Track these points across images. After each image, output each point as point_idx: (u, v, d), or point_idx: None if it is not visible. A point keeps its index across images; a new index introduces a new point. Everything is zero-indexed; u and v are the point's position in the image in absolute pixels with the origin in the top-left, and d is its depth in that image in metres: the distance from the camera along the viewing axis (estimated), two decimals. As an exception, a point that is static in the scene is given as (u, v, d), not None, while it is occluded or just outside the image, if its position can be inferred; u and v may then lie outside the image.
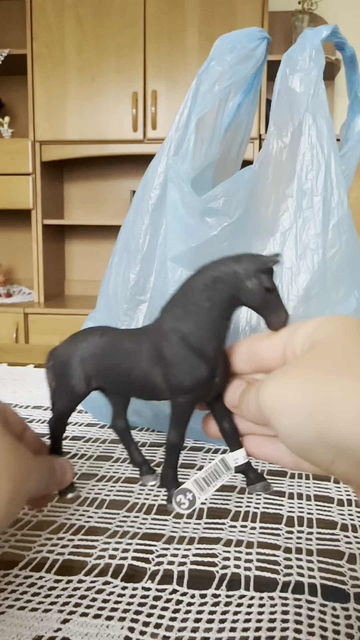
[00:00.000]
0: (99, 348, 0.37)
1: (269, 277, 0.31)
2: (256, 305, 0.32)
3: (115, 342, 0.37)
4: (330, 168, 0.48)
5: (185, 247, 0.46)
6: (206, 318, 0.33)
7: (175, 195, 0.47)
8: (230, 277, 0.32)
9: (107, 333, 0.38)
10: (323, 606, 0.30)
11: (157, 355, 0.34)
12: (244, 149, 0.61)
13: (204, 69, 0.49)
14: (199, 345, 0.33)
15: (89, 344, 0.37)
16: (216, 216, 0.46)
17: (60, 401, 0.39)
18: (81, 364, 0.38)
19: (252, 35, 0.49)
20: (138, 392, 0.37)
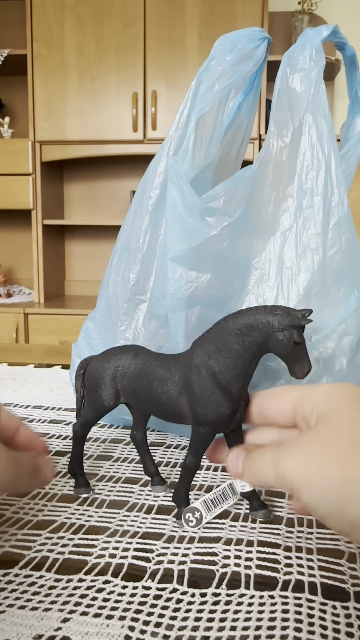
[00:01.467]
0: (131, 369, 0.40)
1: (300, 333, 0.34)
2: (283, 355, 0.34)
3: (148, 366, 0.39)
4: (330, 168, 0.48)
5: (185, 247, 0.46)
6: (236, 359, 0.35)
7: (175, 195, 0.47)
8: (263, 326, 0.34)
9: (140, 354, 0.40)
10: (323, 605, 0.30)
11: (186, 385, 0.37)
12: (244, 149, 0.61)
13: (204, 69, 0.49)
14: (226, 383, 0.35)
15: (122, 363, 0.40)
16: (216, 216, 0.46)
17: (88, 410, 0.42)
18: (113, 381, 0.40)
19: (253, 36, 0.49)
20: (163, 414, 0.39)
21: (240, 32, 0.49)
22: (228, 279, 0.48)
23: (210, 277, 0.47)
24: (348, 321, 0.48)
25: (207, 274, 0.47)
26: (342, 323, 0.48)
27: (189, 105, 0.49)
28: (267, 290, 0.48)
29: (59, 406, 0.65)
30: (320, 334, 0.48)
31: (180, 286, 0.47)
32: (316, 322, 0.48)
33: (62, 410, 0.64)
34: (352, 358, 0.48)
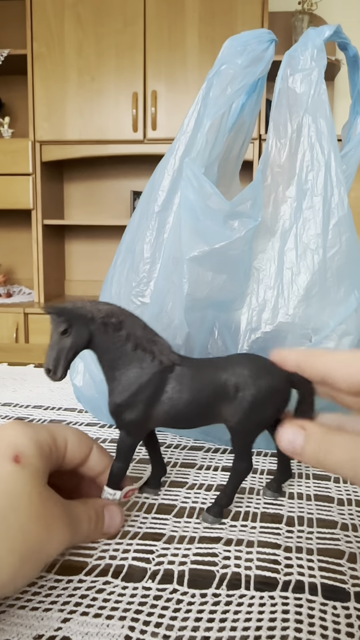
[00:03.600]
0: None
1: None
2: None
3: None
4: (330, 168, 0.48)
5: (207, 248, 0.46)
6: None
7: (191, 196, 0.46)
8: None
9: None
10: (323, 605, 0.30)
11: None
12: (245, 149, 0.61)
13: (214, 72, 0.49)
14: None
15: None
16: (240, 218, 0.46)
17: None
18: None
19: (262, 38, 0.49)
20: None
21: (248, 34, 0.49)
22: (239, 281, 0.48)
23: (226, 279, 0.47)
24: (348, 321, 0.48)
25: (223, 275, 0.47)
26: (342, 323, 0.48)
27: (198, 108, 0.49)
28: (267, 291, 0.48)
29: (59, 406, 0.65)
30: (321, 334, 0.48)
31: (197, 287, 0.47)
32: (316, 322, 0.48)
33: (62, 410, 0.64)
34: (352, 358, 0.48)
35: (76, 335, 0.34)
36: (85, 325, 0.35)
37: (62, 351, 0.34)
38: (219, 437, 0.53)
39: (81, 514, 0.33)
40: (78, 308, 0.34)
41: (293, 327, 0.47)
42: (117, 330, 0.35)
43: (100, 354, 0.36)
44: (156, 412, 0.36)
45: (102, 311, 0.35)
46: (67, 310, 0.34)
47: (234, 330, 0.49)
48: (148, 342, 0.36)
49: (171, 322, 0.49)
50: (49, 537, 0.29)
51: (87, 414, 0.62)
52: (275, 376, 0.36)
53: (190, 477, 0.46)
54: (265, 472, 0.47)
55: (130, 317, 0.36)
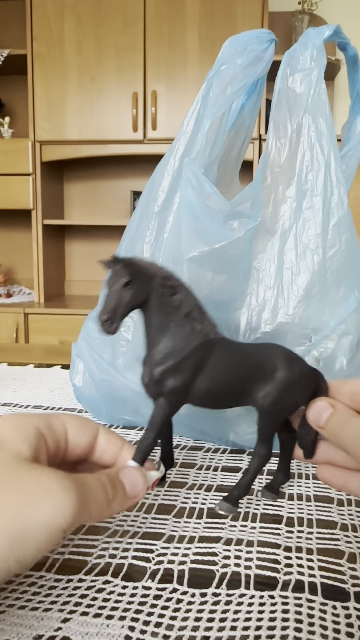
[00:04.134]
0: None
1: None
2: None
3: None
4: (330, 168, 0.48)
5: (207, 248, 0.46)
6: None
7: (190, 196, 0.47)
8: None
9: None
10: (323, 605, 0.30)
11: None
12: (244, 149, 0.61)
13: (214, 73, 0.49)
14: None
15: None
16: (240, 219, 0.46)
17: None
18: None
19: (261, 38, 0.49)
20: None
21: (248, 34, 0.49)
22: (239, 281, 0.48)
23: (226, 278, 0.47)
24: (348, 321, 0.48)
25: (223, 275, 0.47)
26: (342, 323, 0.48)
27: (198, 108, 0.49)
28: (267, 291, 0.48)
29: (58, 406, 0.65)
30: (321, 334, 0.48)
31: (197, 287, 0.47)
32: (316, 322, 0.48)
33: (62, 410, 0.64)
34: (352, 358, 0.48)
35: (137, 290, 0.34)
36: (146, 282, 0.34)
37: (121, 303, 0.34)
38: (219, 437, 0.53)
39: (89, 481, 0.30)
40: (143, 264, 0.34)
41: (293, 327, 0.47)
42: (173, 294, 0.35)
43: (150, 316, 0.36)
44: (198, 383, 0.36)
45: (163, 272, 0.35)
46: (133, 262, 0.34)
47: (234, 330, 0.49)
48: (199, 312, 0.37)
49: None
50: (37, 509, 0.27)
51: (87, 414, 0.62)
52: (305, 365, 0.38)
53: (190, 477, 0.46)
54: (265, 473, 0.47)
55: (185, 285, 0.37)
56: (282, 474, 0.42)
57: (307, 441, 0.37)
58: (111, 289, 0.34)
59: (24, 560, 0.26)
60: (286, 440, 0.41)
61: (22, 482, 0.28)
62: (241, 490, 0.39)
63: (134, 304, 0.35)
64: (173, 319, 0.36)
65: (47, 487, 0.28)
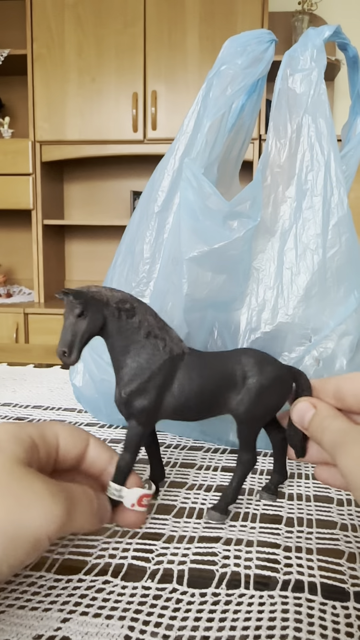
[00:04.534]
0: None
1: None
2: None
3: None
4: (330, 168, 0.48)
5: (206, 249, 0.46)
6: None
7: (190, 196, 0.47)
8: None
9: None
10: (323, 605, 0.30)
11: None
12: (244, 149, 0.61)
13: (214, 73, 0.49)
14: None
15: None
16: (240, 219, 0.46)
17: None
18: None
19: (262, 38, 0.49)
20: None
21: (248, 35, 0.49)
22: (239, 281, 0.48)
23: (225, 279, 0.47)
24: (348, 321, 0.48)
25: (223, 275, 0.47)
26: (342, 323, 0.48)
27: (198, 108, 0.49)
28: (267, 291, 0.48)
29: (58, 406, 0.65)
30: (320, 334, 0.48)
31: (196, 287, 0.47)
32: (316, 323, 0.48)
33: (61, 410, 0.64)
34: (352, 358, 0.48)
35: (91, 318, 0.34)
36: (100, 310, 0.35)
37: (77, 334, 0.34)
38: (218, 437, 0.53)
39: (78, 494, 0.31)
40: (94, 292, 0.35)
41: (293, 327, 0.47)
42: (130, 316, 0.36)
43: (111, 341, 0.36)
44: (167, 400, 0.37)
45: (117, 296, 0.35)
46: (84, 293, 0.34)
47: (234, 330, 0.49)
48: (160, 330, 0.37)
49: (171, 322, 0.50)
50: (28, 515, 0.27)
51: (87, 414, 0.62)
52: (278, 366, 0.38)
53: (190, 477, 0.46)
54: (264, 473, 0.47)
55: (143, 305, 0.37)
56: (279, 474, 0.42)
57: (296, 441, 0.36)
58: (66, 321, 0.34)
59: (14, 565, 0.27)
60: (277, 440, 0.41)
61: (17, 486, 0.28)
62: (228, 498, 0.39)
63: (91, 332, 0.35)
64: (135, 340, 0.36)
65: (40, 494, 0.28)
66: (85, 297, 0.34)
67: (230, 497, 0.39)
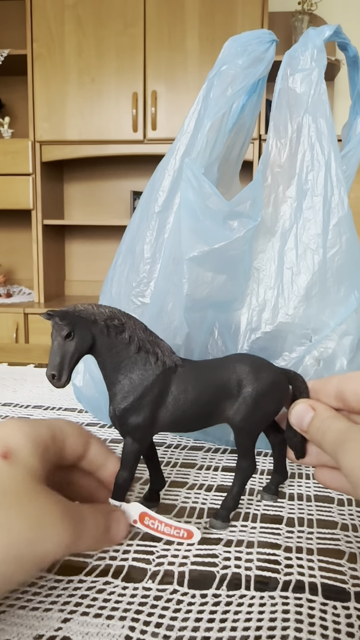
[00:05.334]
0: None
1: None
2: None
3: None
4: (330, 168, 0.48)
5: (207, 249, 0.46)
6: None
7: (190, 196, 0.46)
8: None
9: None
10: (324, 605, 0.30)
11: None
12: (245, 149, 0.61)
13: (215, 73, 0.49)
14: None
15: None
16: (240, 219, 0.46)
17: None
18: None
19: (262, 38, 0.49)
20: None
21: (249, 35, 0.49)
22: (239, 281, 0.48)
23: (225, 279, 0.47)
24: (348, 321, 0.48)
25: (223, 275, 0.47)
26: (343, 323, 0.48)
27: (199, 109, 0.49)
28: (267, 291, 0.48)
29: (59, 406, 0.65)
30: (321, 334, 0.48)
31: (197, 287, 0.47)
32: (316, 323, 0.48)
33: (62, 410, 0.64)
34: (352, 358, 0.48)
35: (80, 338, 0.34)
36: (88, 328, 0.34)
37: (65, 356, 0.34)
38: (219, 437, 0.53)
39: (87, 516, 0.32)
40: (80, 311, 0.34)
41: (293, 327, 0.47)
42: (120, 332, 0.35)
43: (102, 358, 0.36)
44: (162, 414, 0.36)
45: (104, 313, 0.34)
46: (70, 313, 0.34)
47: (234, 331, 0.49)
48: (151, 343, 0.36)
49: (171, 323, 0.49)
50: (41, 537, 0.28)
51: (87, 414, 0.62)
52: (274, 371, 0.37)
53: (190, 477, 0.46)
54: (265, 473, 0.47)
55: (132, 320, 0.36)
56: (279, 474, 0.42)
57: (295, 442, 0.36)
58: (54, 343, 0.34)
59: (17, 582, 0.28)
60: (277, 441, 0.41)
61: (34, 506, 0.28)
62: (230, 505, 0.38)
63: (81, 353, 0.34)
64: (126, 356, 0.35)
65: (53, 516, 0.29)
66: (72, 318, 0.34)
67: (231, 504, 0.38)
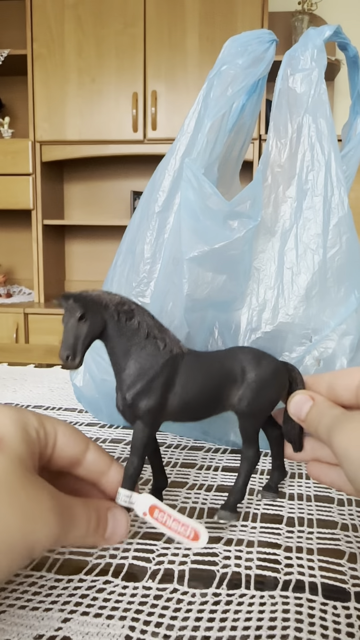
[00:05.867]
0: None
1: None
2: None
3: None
4: (330, 168, 0.48)
5: (207, 248, 0.46)
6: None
7: (190, 196, 0.47)
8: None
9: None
10: (324, 605, 0.30)
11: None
12: (245, 149, 0.61)
13: (215, 73, 0.49)
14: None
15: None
16: (240, 219, 0.46)
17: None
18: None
19: (262, 38, 0.49)
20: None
21: (249, 35, 0.49)
22: (239, 281, 0.48)
23: (226, 279, 0.47)
24: (348, 321, 0.48)
25: (223, 275, 0.47)
26: (343, 323, 0.48)
27: (199, 109, 0.49)
28: (267, 291, 0.48)
29: (59, 406, 0.65)
30: (321, 334, 0.48)
31: (197, 287, 0.47)
32: (316, 323, 0.48)
33: (62, 410, 0.64)
34: (352, 358, 0.48)
35: (92, 321, 0.34)
36: (99, 312, 0.35)
37: (79, 337, 0.34)
38: (219, 437, 0.53)
39: (78, 510, 0.30)
40: (92, 295, 0.35)
41: (293, 327, 0.47)
42: (129, 318, 0.36)
43: (112, 344, 0.36)
44: (171, 399, 0.37)
45: (115, 299, 0.35)
46: (83, 296, 0.34)
47: (234, 331, 0.49)
48: (159, 330, 0.37)
49: (171, 322, 0.50)
50: (31, 526, 0.27)
51: (87, 414, 0.62)
52: (274, 360, 0.39)
53: (190, 477, 0.46)
54: (265, 473, 0.47)
55: (140, 307, 0.37)
56: (278, 472, 0.43)
57: (293, 435, 0.37)
58: (67, 325, 0.34)
59: (5, 573, 0.27)
60: (274, 437, 0.42)
61: (26, 496, 0.27)
62: (237, 495, 0.39)
63: (93, 336, 0.35)
64: (135, 342, 0.36)
65: (46, 506, 0.28)
66: (85, 301, 0.34)
67: (239, 494, 0.39)
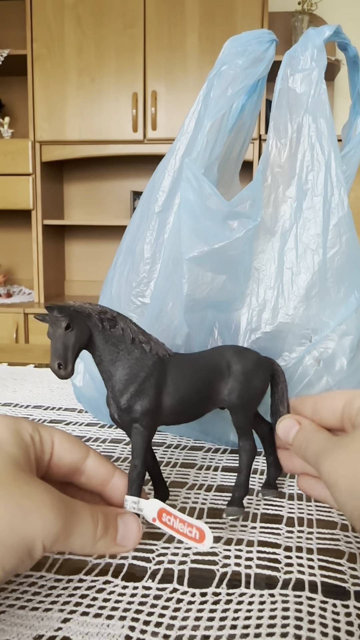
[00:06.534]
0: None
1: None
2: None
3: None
4: (330, 168, 0.48)
5: (207, 249, 0.46)
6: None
7: (190, 196, 0.47)
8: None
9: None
10: (323, 603, 0.30)
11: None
12: (245, 149, 0.61)
13: (215, 73, 0.49)
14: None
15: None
16: (240, 219, 0.46)
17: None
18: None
19: (262, 38, 0.49)
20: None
21: (249, 35, 0.49)
22: (239, 281, 0.48)
23: (225, 279, 0.47)
24: (348, 321, 0.48)
25: (223, 275, 0.47)
26: (343, 323, 0.48)
27: (199, 109, 0.49)
28: (267, 291, 0.48)
29: (59, 406, 0.65)
30: (321, 334, 0.48)
31: (197, 287, 0.47)
32: (316, 323, 0.48)
33: (62, 410, 0.64)
34: (352, 358, 0.48)
35: (78, 330, 0.35)
36: (84, 322, 0.35)
37: (68, 346, 0.35)
38: (218, 437, 0.53)
39: (82, 510, 0.30)
40: (76, 306, 0.36)
41: (293, 327, 0.47)
42: (113, 325, 0.36)
43: (99, 352, 0.37)
44: (165, 400, 0.37)
45: (96, 309, 0.36)
46: (67, 307, 0.35)
47: (234, 331, 0.49)
48: (143, 335, 0.38)
49: (171, 323, 0.50)
50: (24, 520, 0.27)
51: (87, 414, 0.62)
52: (255, 353, 0.41)
53: (190, 477, 0.46)
54: (264, 473, 0.47)
55: (122, 315, 0.38)
56: (274, 468, 0.43)
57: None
58: (54, 335, 0.35)
59: (8, 571, 0.27)
60: (265, 432, 0.42)
61: (19, 492, 0.28)
62: (242, 489, 0.39)
63: (80, 345, 0.35)
64: (122, 348, 0.37)
65: (41, 501, 0.28)
66: (69, 311, 0.35)
67: (243, 489, 0.39)
